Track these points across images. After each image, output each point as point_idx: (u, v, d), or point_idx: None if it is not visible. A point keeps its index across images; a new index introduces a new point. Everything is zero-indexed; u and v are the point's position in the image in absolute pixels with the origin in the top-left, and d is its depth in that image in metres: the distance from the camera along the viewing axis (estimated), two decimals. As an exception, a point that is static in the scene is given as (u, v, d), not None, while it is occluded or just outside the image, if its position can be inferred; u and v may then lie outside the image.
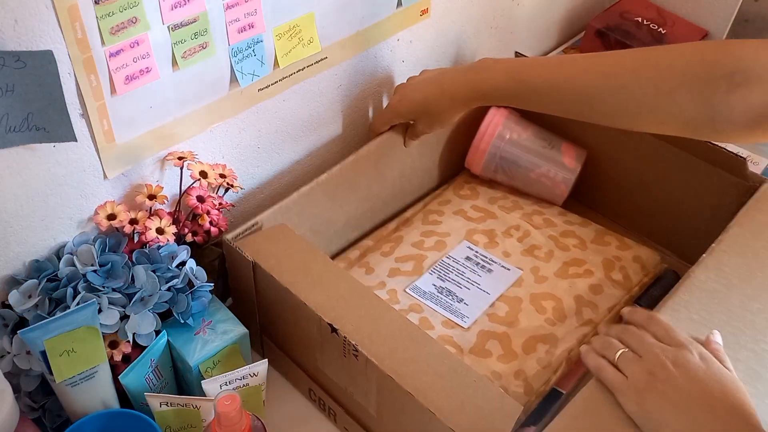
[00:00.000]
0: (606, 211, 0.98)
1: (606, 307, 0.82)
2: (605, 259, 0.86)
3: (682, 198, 0.89)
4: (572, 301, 0.81)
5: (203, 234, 0.73)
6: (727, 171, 0.83)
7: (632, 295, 0.84)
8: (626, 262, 0.86)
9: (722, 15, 1.15)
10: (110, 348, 0.65)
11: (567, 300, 0.81)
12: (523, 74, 0.74)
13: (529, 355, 0.75)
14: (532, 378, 0.74)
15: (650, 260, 0.88)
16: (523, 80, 0.74)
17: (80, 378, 0.61)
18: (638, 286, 0.85)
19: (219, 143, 0.77)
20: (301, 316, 0.67)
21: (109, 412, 0.63)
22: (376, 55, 0.88)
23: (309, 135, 0.87)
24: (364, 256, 0.86)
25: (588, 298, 0.82)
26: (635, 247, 0.89)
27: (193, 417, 0.64)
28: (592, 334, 0.79)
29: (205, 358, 0.67)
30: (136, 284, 0.66)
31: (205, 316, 0.70)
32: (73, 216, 0.67)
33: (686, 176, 0.87)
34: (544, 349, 0.76)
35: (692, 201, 0.88)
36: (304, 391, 0.77)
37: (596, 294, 0.82)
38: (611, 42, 1.12)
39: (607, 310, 0.81)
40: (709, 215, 0.87)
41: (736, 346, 0.63)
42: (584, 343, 0.76)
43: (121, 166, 0.68)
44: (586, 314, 0.80)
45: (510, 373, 0.73)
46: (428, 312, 0.79)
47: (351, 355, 0.63)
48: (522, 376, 0.74)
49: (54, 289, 0.63)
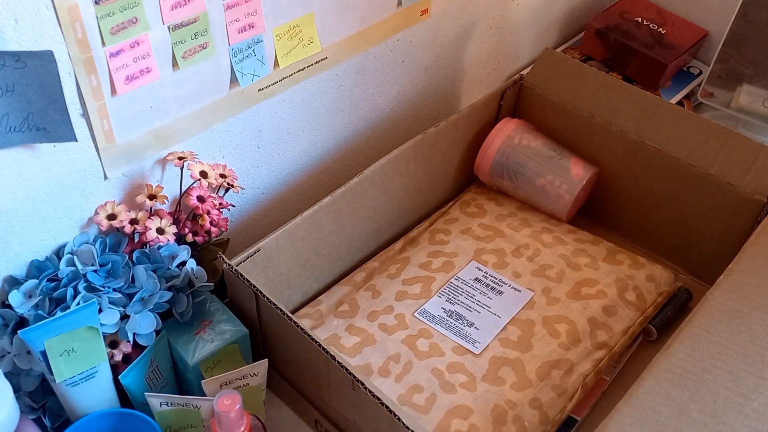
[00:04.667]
0: (617, 228, 0.97)
1: (620, 329, 0.80)
2: (618, 279, 0.84)
3: (695, 215, 0.88)
4: (586, 324, 0.79)
5: (204, 234, 0.73)
6: (741, 187, 0.83)
7: (647, 315, 0.83)
8: (640, 281, 0.85)
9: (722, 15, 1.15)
10: (110, 348, 0.65)
11: (581, 322, 0.79)
12: None
13: (544, 382, 0.74)
14: (547, 406, 0.72)
15: (664, 279, 0.86)
16: None
17: (80, 378, 0.61)
18: (653, 306, 0.84)
19: (219, 143, 0.77)
20: (306, 348, 0.65)
21: (109, 412, 0.63)
22: (377, 54, 0.88)
23: (309, 135, 0.87)
24: (370, 279, 0.85)
25: (602, 320, 0.80)
26: (648, 266, 0.87)
27: (194, 417, 0.64)
28: (607, 358, 0.78)
29: (205, 357, 0.67)
30: (137, 284, 0.66)
31: (205, 315, 0.70)
32: (73, 216, 0.67)
33: (698, 193, 0.86)
34: (559, 375, 0.75)
35: (705, 218, 0.87)
36: (310, 422, 0.75)
37: (610, 316, 0.81)
38: (611, 42, 1.12)
39: (622, 332, 0.80)
40: (722, 232, 0.86)
41: (762, 365, 0.62)
42: (600, 368, 0.76)
43: (122, 166, 0.68)
44: (600, 337, 0.79)
45: (525, 402, 0.72)
46: (438, 337, 0.77)
47: (360, 388, 0.61)
48: (537, 404, 0.72)
49: (54, 289, 0.63)
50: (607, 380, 0.80)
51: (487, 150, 0.95)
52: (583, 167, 0.93)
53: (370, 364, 0.75)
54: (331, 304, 0.82)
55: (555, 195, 0.93)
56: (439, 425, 0.70)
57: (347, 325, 0.79)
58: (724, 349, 0.63)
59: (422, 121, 1.03)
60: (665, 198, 0.90)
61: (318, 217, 0.79)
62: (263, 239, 0.74)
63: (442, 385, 0.73)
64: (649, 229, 0.94)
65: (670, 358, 0.65)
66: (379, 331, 0.78)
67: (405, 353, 0.76)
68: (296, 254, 0.79)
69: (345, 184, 0.80)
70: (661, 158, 0.88)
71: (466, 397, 0.72)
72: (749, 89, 1.08)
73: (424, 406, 0.71)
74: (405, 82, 0.96)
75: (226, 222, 0.75)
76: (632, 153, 0.90)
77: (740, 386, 0.62)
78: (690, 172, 0.86)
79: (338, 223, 0.82)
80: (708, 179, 0.85)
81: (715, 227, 0.87)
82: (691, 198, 0.87)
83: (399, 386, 0.73)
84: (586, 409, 0.76)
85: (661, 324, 0.84)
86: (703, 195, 0.86)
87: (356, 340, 0.77)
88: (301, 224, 0.77)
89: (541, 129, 0.97)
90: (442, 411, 0.71)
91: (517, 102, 0.99)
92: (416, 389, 0.72)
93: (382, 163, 0.84)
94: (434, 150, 0.91)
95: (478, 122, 0.96)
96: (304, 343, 0.65)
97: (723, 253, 0.72)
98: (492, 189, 0.99)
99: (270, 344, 0.73)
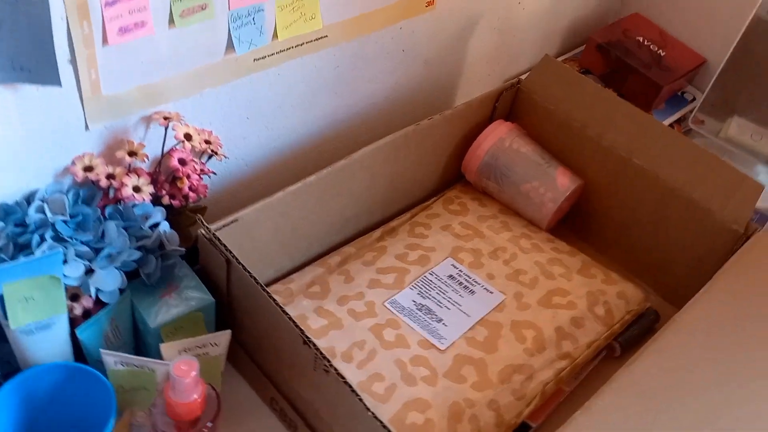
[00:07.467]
0: (595, 242, 0.97)
1: (586, 341, 0.80)
2: (590, 292, 0.85)
3: (672, 238, 0.88)
4: (553, 332, 0.80)
5: (181, 198, 0.72)
6: (721, 216, 0.83)
7: (613, 331, 0.83)
8: (610, 297, 0.85)
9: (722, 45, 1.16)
10: (71, 301, 0.64)
11: (548, 330, 0.80)
12: None
13: (504, 385, 0.74)
14: (504, 409, 0.72)
15: (635, 298, 0.87)
16: None
17: (36, 327, 0.60)
18: (620, 323, 0.84)
19: (208, 109, 0.75)
20: (274, 323, 0.64)
21: (61, 365, 0.62)
22: (377, 41, 0.87)
23: (300, 112, 0.86)
24: (345, 263, 0.84)
25: (569, 331, 0.80)
26: (621, 283, 0.87)
27: (148, 379, 0.63)
28: (569, 368, 0.78)
29: (167, 322, 0.66)
30: (106, 240, 0.64)
31: (172, 280, 0.69)
32: (49, 164, 0.66)
33: (679, 216, 0.86)
34: (520, 380, 0.75)
35: (682, 242, 0.87)
36: (266, 399, 0.74)
37: (578, 327, 0.81)
38: (611, 58, 1.12)
39: (587, 345, 0.80)
40: (697, 258, 0.86)
41: (720, 391, 0.63)
42: (560, 377, 0.76)
43: (105, 118, 0.67)
44: (565, 347, 0.79)
45: (483, 402, 0.72)
46: (405, 329, 0.77)
47: (321, 370, 0.61)
48: (495, 405, 0.72)
49: (20, 235, 0.62)
50: (566, 391, 0.80)
51: (477, 149, 0.95)
52: (569, 178, 0.93)
53: (334, 348, 0.74)
54: (302, 284, 0.81)
55: (538, 202, 0.93)
56: (396, 415, 0.69)
57: (316, 307, 0.78)
58: (686, 372, 0.64)
59: (416, 114, 1.02)
60: (645, 218, 0.90)
61: (301, 194, 0.78)
62: (242, 210, 0.73)
63: (403, 376, 0.72)
64: (625, 246, 0.94)
65: (632, 375, 0.65)
66: (347, 317, 0.77)
67: (370, 341, 0.75)
68: (274, 229, 0.78)
69: (332, 164, 0.80)
70: (646, 178, 0.88)
71: (426, 392, 0.72)
72: (739, 121, 1.08)
73: (383, 395, 0.71)
74: (403, 72, 0.95)
75: (206, 189, 0.74)
76: (619, 169, 0.90)
77: (698, 407, 0.63)
78: (673, 195, 0.86)
79: (320, 204, 0.81)
80: (690, 204, 0.85)
81: (690, 252, 0.87)
82: (671, 221, 0.88)
83: (360, 373, 0.72)
84: (542, 416, 0.76)
85: (626, 342, 0.84)
86: (683, 219, 0.86)
87: (323, 323, 0.76)
88: (283, 199, 0.76)
89: (533, 135, 0.96)
90: (401, 402, 0.70)
91: (512, 105, 0.99)
92: (377, 378, 0.72)
93: (372, 148, 0.83)
94: (425, 143, 0.90)
95: (471, 121, 0.95)
96: (272, 318, 0.64)
97: (695, 279, 0.73)
98: (477, 189, 0.98)
99: (236, 316, 0.72)
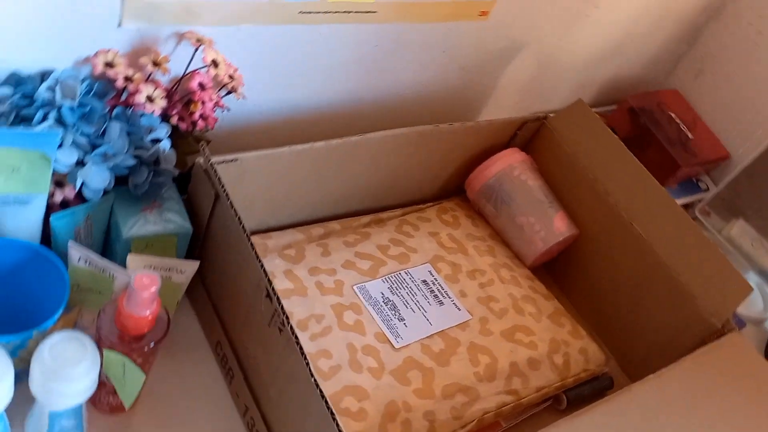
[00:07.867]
0: (572, 293, 0.97)
1: (536, 385, 0.80)
2: (553, 339, 0.84)
3: (649, 313, 0.88)
4: (507, 366, 0.79)
5: (189, 123, 0.71)
6: (702, 305, 0.83)
7: (565, 383, 0.83)
8: (572, 350, 0.85)
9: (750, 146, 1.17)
10: (55, 186, 0.63)
11: (503, 362, 0.79)
12: None
13: (446, 401, 0.73)
14: (439, 424, 0.72)
15: (595, 358, 0.87)
16: None
17: (15, 199, 0.59)
18: (574, 378, 0.84)
19: (240, 45, 0.75)
20: (243, 267, 0.64)
21: (27, 244, 0.61)
22: (422, 32, 0.87)
23: (327, 78, 0.85)
24: (327, 237, 0.84)
25: (523, 369, 0.80)
26: (586, 340, 0.87)
27: (106, 284, 0.62)
28: (512, 405, 0.77)
29: (141, 236, 0.65)
30: (106, 138, 0.64)
31: (157, 198, 0.68)
32: (72, 49, 0.65)
33: (661, 293, 0.86)
34: (462, 401, 0.74)
35: (657, 320, 0.87)
36: (212, 341, 0.73)
37: (532, 369, 0.81)
38: (639, 123, 1.13)
39: (536, 388, 0.80)
40: (667, 340, 0.86)
41: None
42: (502, 411, 0.76)
43: (140, 20, 0.66)
44: (515, 384, 0.79)
45: (420, 410, 0.71)
46: (366, 317, 0.76)
47: (275, 327, 0.61)
48: (431, 417, 0.72)
49: (25, 107, 0.61)
50: (503, 426, 0.79)
51: (485, 169, 0.95)
52: (566, 224, 0.93)
53: (292, 314, 0.73)
54: (279, 244, 0.80)
55: (529, 238, 0.93)
56: (333, 395, 0.68)
57: (287, 269, 0.77)
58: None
59: (435, 116, 1.02)
60: (628, 284, 0.90)
61: (305, 156, 0.77)
62: (244, 152, 0.72)
63: (351, 361, 0.72)
64: (600, 306, 0.94)
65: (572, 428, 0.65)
66: (313, 287, 0.77)
67: (329, 318, 0.74)
68: (268, 184, 0.77)
69: (343, 138, 0.79)
70: (640, 245, 0.88)
71: (369, 382, 0.71)
72: (743, 225, 1.09)
73: (326, 372, 0.70)
74: (436, 71, 0.95)
75: (215, 121, 0.73)
76: (617, 230, 0.90)
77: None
78: (661, 270, 0.86)
79: (319, 174, 0.81)
80: (675, 284, 0.85)
81: (662, 332, 0.87)
82: (652, 295, 0.88)
83: (310, 345, 0.72)
84: (474, 443, 0.76)
85: (574, 397, 0.84)
86: (664, 297, 0.86)
87: (289, 286, 0.76)
88: (287, 156, 0.75)
89: (543, 172, 0.97)
90: (341, 384, 0.70)
91: (532, 137, 0.99)
92: (325, 354, 0.71)
93: (386, 134, 0.83)
94: (437, 146, 0.90)
95: (489, 140, 0.95)
96: (243, 263, 0.63)
97: (658, 360, 0.73)
98: (474, 208, 0.98)
99: (208, 252, 0.71)
